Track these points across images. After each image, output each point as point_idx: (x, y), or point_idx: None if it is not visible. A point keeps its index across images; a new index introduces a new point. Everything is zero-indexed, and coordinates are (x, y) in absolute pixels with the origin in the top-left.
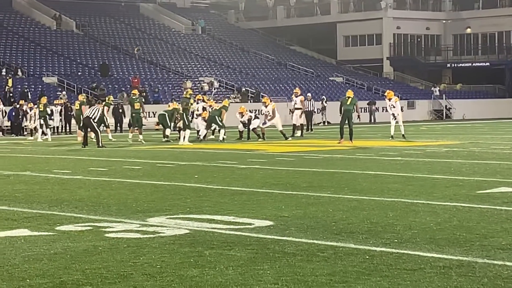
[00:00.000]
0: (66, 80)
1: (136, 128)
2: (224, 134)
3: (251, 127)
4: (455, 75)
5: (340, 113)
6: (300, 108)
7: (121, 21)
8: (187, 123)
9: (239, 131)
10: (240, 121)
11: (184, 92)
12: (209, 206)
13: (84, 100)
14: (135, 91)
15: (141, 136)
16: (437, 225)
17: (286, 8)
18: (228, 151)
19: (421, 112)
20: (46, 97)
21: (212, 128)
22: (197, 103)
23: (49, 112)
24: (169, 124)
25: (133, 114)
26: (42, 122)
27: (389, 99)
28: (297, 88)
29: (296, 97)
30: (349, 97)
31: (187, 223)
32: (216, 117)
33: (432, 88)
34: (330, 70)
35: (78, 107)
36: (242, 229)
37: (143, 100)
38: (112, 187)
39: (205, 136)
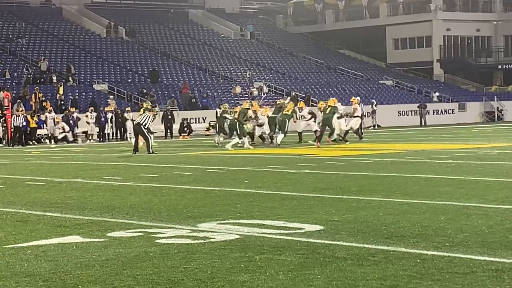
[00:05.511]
0: (116, 87)
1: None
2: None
3: (299, 129)
4: (506, 77)
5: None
6: (357, 116)
7: (170, 28)
8: (241, 131)
9: (298, 132)
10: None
11: (243, 103)
12: (259, 211)
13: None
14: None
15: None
16: (489, 228)
17: (334, 12)
18: (278, 156)
19: (472, 114)
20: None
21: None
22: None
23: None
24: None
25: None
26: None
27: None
28: (353, 98)
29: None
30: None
31: (238, 228)
32: (287, 121)
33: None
34: (380, 73)
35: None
36: (292, 234)
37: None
38: (163, 193)
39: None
